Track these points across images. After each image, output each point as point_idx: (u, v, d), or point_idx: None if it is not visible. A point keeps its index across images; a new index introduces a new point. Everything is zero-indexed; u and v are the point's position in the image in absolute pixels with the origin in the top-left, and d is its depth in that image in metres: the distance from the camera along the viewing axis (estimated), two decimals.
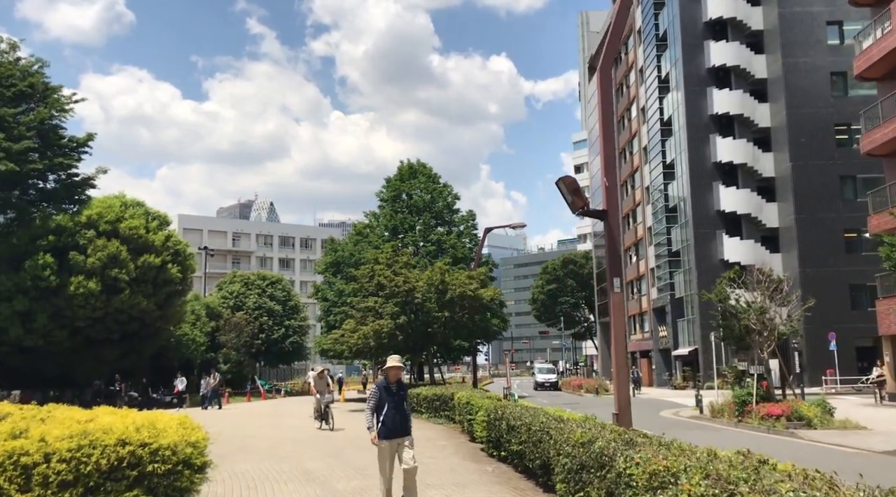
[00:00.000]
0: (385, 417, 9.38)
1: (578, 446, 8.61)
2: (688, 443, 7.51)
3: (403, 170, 50.12)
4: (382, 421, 9.37)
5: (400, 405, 9.51)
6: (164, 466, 6.41)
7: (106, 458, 6.13)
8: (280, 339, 63.38)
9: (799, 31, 50.42)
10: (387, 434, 9.40)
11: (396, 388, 9.58)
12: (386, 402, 9.40)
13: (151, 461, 6.36)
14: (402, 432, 9.51)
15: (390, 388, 9.52)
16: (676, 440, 7.90)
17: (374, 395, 9.50)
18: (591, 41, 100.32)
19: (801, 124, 49.29)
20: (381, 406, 9.41)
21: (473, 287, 33.96)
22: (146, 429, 6.59)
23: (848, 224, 47.68)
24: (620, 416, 10.74)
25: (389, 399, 9.43)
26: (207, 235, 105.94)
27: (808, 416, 22.13)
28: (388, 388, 9.51)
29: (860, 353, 46.24)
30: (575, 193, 11.13)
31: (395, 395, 9.49)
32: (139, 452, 6.32)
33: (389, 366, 9.63)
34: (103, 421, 6.75)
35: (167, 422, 7.10)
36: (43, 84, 41.53)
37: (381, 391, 9.48)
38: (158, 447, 6.45)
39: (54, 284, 37.38)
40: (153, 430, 6.64)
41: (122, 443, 6.28)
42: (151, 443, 6.43)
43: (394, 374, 9.63)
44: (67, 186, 43.45)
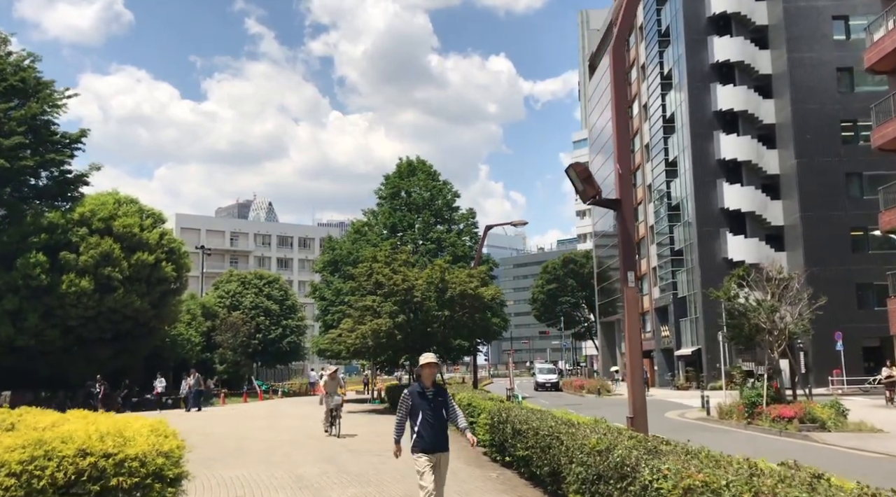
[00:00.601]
0: (420, 427, 7.95)
1: (594, 454, 7.86)
2: (719, 451, 6.76)
3: (402, 167, 49.34)
4: (418, 432, 7.95)
5: (437, 413, 8.02)
6: (130, 480, 5.65)
7: (63, 472, 5.37)
8: (277, 338, 62.59)
9: (804, 25, 49.65)
10: (424, 446, 7.96)
11: (433, 393, 8.07)
12: (420, 409, 7.96)
13: (116, 474, 5.60)
14: (442, 446, 8.04)
15: (425, 394, 8.03)
16: (704, 448, 7.15)
17: (405, 402, 8.07)
18: (591, 39, 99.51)
19: (806, 121, 48.51)
20: (416, 414, 7.98)
21: (474, 285, 33.17)
22: (112, 437, 5.83)
23: (854, 222, 46.93)
24: (636, 420, 9.96)
25: (425, 406, 7.96)
26: (205, 235, 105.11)
27: (822, 418, 21.38)
28: (422, 394, 8.02)
29: (867, 353, 45.53)
30: (586, 181, 10.38)
31: (431, 401, 8.00)
32: (102, 464, 5.56)
33: (422, 365, 8.13)
34: (64, 428, 5.99)
35: (138, 428, 6.34)
36: (35, 79, 40.70)
37: (414, 396, 8.02)
38: (125, 458, 5.69)
39: (46, 283, 36.61)
40: (120, 438, 5.88)
41: (83, 453, 5.52)
42: (116, 453, 5.68)
43: (428, 374, 8.11)
44: (60, 183, 42.68)
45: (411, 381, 44.82)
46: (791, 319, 23.52)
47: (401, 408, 8.13)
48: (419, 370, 8.21)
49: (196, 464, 14.99)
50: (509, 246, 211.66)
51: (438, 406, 8.05)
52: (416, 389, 8.07)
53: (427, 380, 8.08)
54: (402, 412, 8.10)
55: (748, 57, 52.11)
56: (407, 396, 8.07)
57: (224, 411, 37.19)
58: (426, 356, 8.25)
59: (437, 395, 8.07)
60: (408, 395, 8.08)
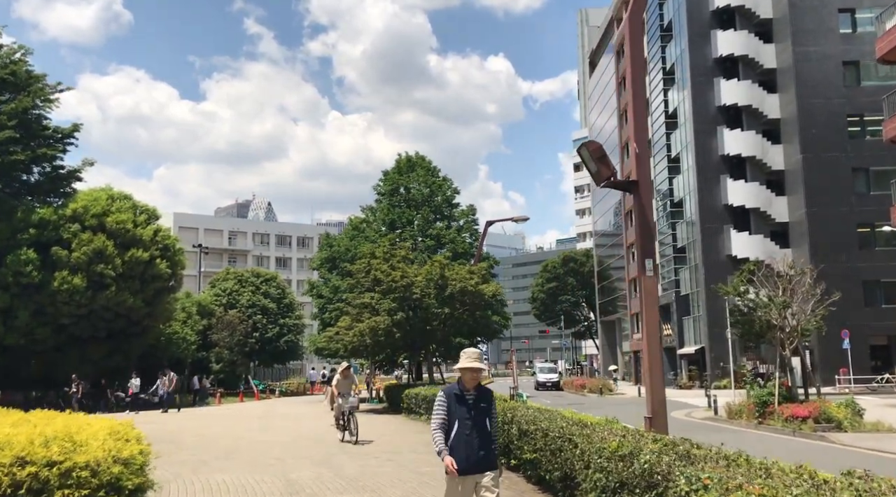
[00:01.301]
0: (455, 441, 6.27)
1: (616, 459, 7.01)
2: (764, 457, 5.92)
3: (402, 163, 48.45)
4: (451, 446, 6.27)
5: (480, 423, 6.38)
6: (79, 492, 4.83)
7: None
8: (275, 337, 61.69)
9: (810, 19, 48.81)
10: (457, 465, 6.19)
11: (475, 398, 6.45)
12: (456, 418, 6.32)
13: (61, 486, 4.78)
14: (484, 465, 6.33)
15: (464, 397, 6.43)
16: (742, 452, 6.31)
17: (440, 407, 6.46)
18: (591, 37, 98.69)
19: (811, 115, 47.69)
20: (450, 424, 6.34)
21: (474, 282, 32.32)
22: (59, 442, 4.98)
23: (861, 218, 46.15)
24: (654, 420, 9.11)
25: (463, 413, 6.35)
26: (203, 234, 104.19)
27: (838, 418, 20.55)
28: (461, 397, 6.43)
29: (874, 351, 44.76)
30: (601, 161, 9.53)
31: (471, 408, 6.39)
32: (44, 474, 4.73)
33: (463, 366, 6.50)
34: (1, 433, 5.11)
35: (94, 432, 5.48)
36: (26, 72, 39.83)
37: (451, 401, 6.42)
38: (72, 466, 4.87)
39: (37, 280, 35.82)
40: (68, 443, 5.02)
41: (21, 462, 4.70)
42: (63, 461, 4.85)
43: (470, 377, 6.48)
44: (52, 179, 41.85)
45: (411, 380, 44.15)
46: (804, 316, 22.68)
47: (435, 415, 6.48)
48: (461, 371, 6.58)
49: (183, 466, 14.21)
50: (508, 245, 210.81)
51: (481, 414, 6.40)
52: (453, 390, 6.49)
53: (469, 383, 6.48)
54: (441, 416, 6.39)
55: (752, 51, 51.30)
56: (442, 399, 6.47)
57: (219, 411, 36.35)
58: (469, 355, 6.54)
59: (480, 401, 6.46)
60: (443, 397, 6.48)
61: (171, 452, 16.35)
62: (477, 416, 6.37)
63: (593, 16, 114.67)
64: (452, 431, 6.27)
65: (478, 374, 6.53)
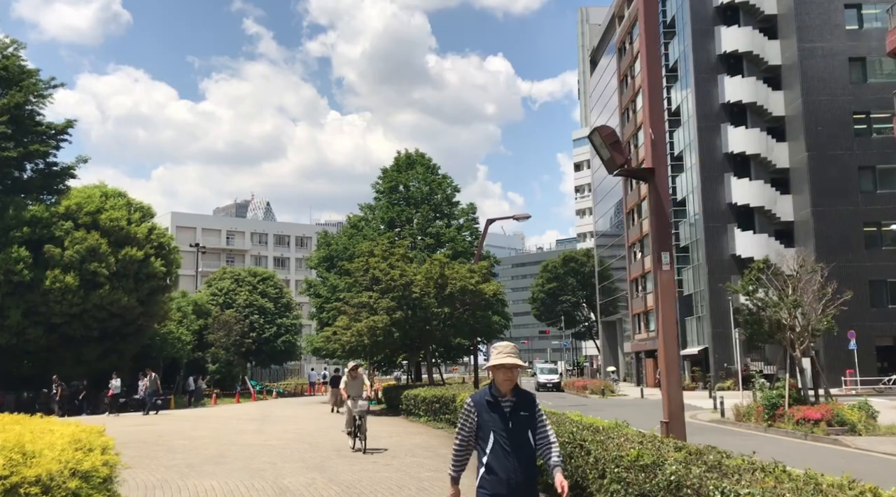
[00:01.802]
0: (491, 458, 4.85)
1: (636, 470, 6.34)
2: (807, 468, 5.27)
3: (401, 160, 47.75)
4: (486, 465, 4.86)
5: (520, 438, 4.92)
6: None
7: None
8: (272, 337, 60.96)
9: (815, 14, 48.14)
10: (495, 490, 4.82)
11: (512, 405, 5.00)
12: (491, 430, 4.91)
13: None
14: (525, 491, 4.90)
15: (499, 404, 4.98)
16: (779, 463, 5.66)
17: (466, 419, 5.03)
18: (591, 35, 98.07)
19: (817, 112, 47.02)
20: (484, 437, 4.93)
21: (475, 281, 31.70)
22: (6, 453, 4.31)
23: (867, 217, 45.51)
24: (672, 424, 8.44)
25: (498, 423, 4.92)
26: (201, 233, 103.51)
27: (852, 421, 19.89)
28: (494, 404, 4.98)
29: (880, 352, 44.13)
30: (614, 147, 8.86)
31: (507, 418, 4.94)
32: None
33: (496, 363, 5.03)
34: None
35: (53, 441, 4.80)
36: (18, 67, 39.20)
37: (481, 408, 5.00)
38: (20, 481, 4.20)
39: (28, 279, 35.19)
40: (17, 455, 4.35)
41: None
42: (9, 475, 4.18)
43: (505, 377, 5.02)
44: (46, 176, 41.23)
45: (409, 381, 43.36)
46: (815, 316, 22.02)
47: (462, 426, 5.05)
48: (493, 372, 5.10)
49: (170, 471, 13.55)
50: (508, 245, 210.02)
51: (521, 424, 4.96)
52: (483, 397, 5.05)
53: (504, 386, 5.03)
54: (464, 432, 5.03)
55: (757, 47, 50.64)
56: (470, 407, 5.04)
57: (214, 412, 35.67)
58: (502, 350, 5.10)
59: (520, 408, 5.00)
60: (471, 405, 5.05)
61: (158, 456, 15.71)
62: (516, 428, 4.91)
63: (593, 14, 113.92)
64: (487, 448, 4.88)
65: (514, 373, 5.04)
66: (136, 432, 22.14)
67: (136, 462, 14.66)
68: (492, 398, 5.01)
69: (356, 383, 17.57)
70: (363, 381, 17.79)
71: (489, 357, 5.40)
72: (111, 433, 19.83)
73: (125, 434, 21.51)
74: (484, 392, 5.10)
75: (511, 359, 5.03)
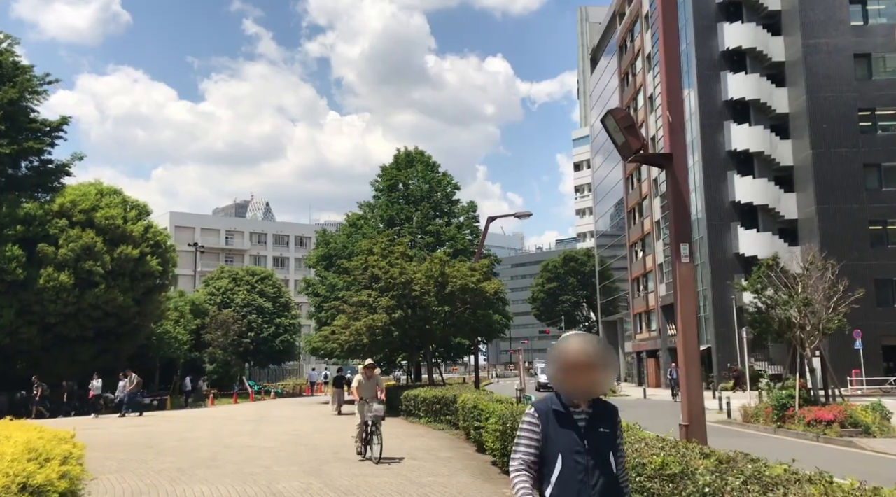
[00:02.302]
0: (558, 490, 3.62)
1: (663, 479, 5.73)
2: (862, 481, 4.68)
3: (400, 158, 47.17)
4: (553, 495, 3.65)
5: (601, 461, 3.65)
6: None
7: None
8: (270, 337, 60.36)
9: (820, 10, 47.50)
10: None
11: (589, 419, 3.74)
12: (559, 451, 3.64)
13: None
14: None
15: (571, 417, 3.72)
16: (825, 473, 5.07)
17: (529, 433, 3.74)
18: (591, 34, 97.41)
19: (822, 109, 46.39)
20: (550, 459, 3.66)
21: (476, 279, 31.12)
22: None
23: (873, 215, 44.90)
24: (692, 428, 7.83)
25: (570, 442, 3.65)
26: (200, 233, 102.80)
27: (865, 423, 19.28)
28: (564, 417, 3.72)
29: (886, 352, 43.51)
30: (629, 131, 8.25)
31: (584, 435, 3.68)
32: None
33: (568, 360, 3.63)
34: None
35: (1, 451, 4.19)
36: (12, 63, 38.62)
37: (548, 421, 3.71)
38: None
39: (22, 277, 34.67)
40: None
41: None
42: None
43: (582, 383, 3.65)
44: (40, 173, 40.66)
45: (409, 381, 42.71)
46: (826, 314, 21.43)
47: (520, 442, 3.75)
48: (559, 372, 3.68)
49: (160, 476, 12.91)
50: (507, 245, 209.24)
51: (602, 445, 3.69)
52: (550, 406, 3.74)
53: (581, 392, 3.68)
54: (526, 449, 3.70)
55: (760, 44, 49.98)
56: (532, 420, 3.73)
57: (210, 413, 35.07)
58: (574, 344, 3.64)
59: (599, 422, 3.73)
60: (534, 416, 3.74)
61: (148, 459, 15.11)
62: (595, 447, 3.64)
63: (593, 13, 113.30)
64: (553, 474, 3.59)
65: (598, 377, 3.61)
66: (127, 434, 21.57)
67: (124, 466, 14.08)
68: (562, 409, 3.68)
69: (370, 384, 15.61)
70: (378, 382, 15.87)
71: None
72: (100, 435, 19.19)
73: (117, 436, 20.96)
74: (550, 400, 3.77)
75: (590, 356, 3.57)
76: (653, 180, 62.10)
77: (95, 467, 13.71)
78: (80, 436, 18.74)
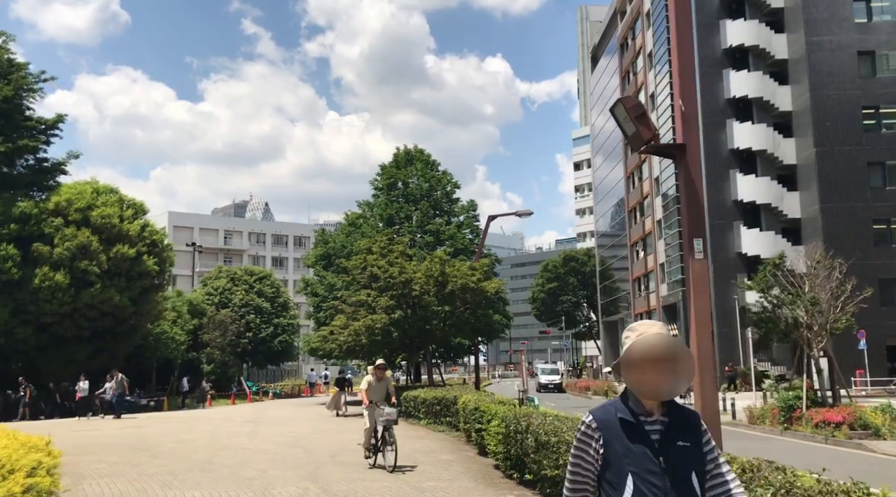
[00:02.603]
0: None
1: None
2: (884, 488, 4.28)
3: (399, 156, 46.74)
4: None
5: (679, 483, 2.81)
6: None
7: None
8: (268, 338, 59.94)
9: (823, 7, 47.03)
10: None
11: (665, 430, 2.89)
12: (628, 472, 2.82)
13: None
14: None
15: (642, 428, 2.89)
16: (859, 483, 4.67)
17: (587, 450, 2.93)
18: (592, 32, 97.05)
19: (825, 107, 45.93)
20: (615, 484, 2.85)
21: (476, 279, 30.71)
22: None
23: (877, 214, 44.45)
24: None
25: (644, 461, 2.83)
26: (199, 233, 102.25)
27: (875, 425, 18.85)
28: (634, 427, 2.89)
29: (891, 352, 43.08)
30: (640, 121, 7.84)
31: (658, 450, 2.84)
32: None
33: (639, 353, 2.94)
34: None
35: None
36: (7, 60, 38.22)
37: (613, 436, 2.89)
38: None
39: (17, 277, 34.27)
40: None
41: None
42: None
43: (657, 382, 2.88)
44: (36, 172, 40.28)
45: (409, 382, 42.25)
46: (833, 314, 21.02)
47: (573, 470, 2.97)
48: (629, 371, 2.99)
49: (152, 480, 12.45)
50: (507, 245, 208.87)
51: (681, 462, 2.86)
52: (615, 412, 2.97)
53: (653, 394, 2.93)
54: (580, 482, 2.96)
55: (763, 41, 49.52)
56: (592, 431, 2.94)
57: (208, 414, 34.67)
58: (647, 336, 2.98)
59: (677, 434, 2.90)
60: (593, 427, 2.95)
61: (141, 462, 14.69)
62: (674, 466, 2.83)
63: (593, 12, 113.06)
64: (625, 493, 2.82)
65: (682, 370, 2.89)
66: (122, 435, 21.16)
67: (115, 469, 13.67)
68: (631, 417, 2.89)
69: (382, 386, 14.32)
70: (388, 384, 14.62)
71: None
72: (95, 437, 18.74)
73: (111, 437, 20.53)
74: (614, 406, 2.98)
75: (668, 349, 2.88)
76: (654, 179, 61.72)
77: (85, 471, 13.32)
78: (73, 438, 18.36)
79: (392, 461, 13.12)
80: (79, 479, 12.31)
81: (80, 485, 11.82)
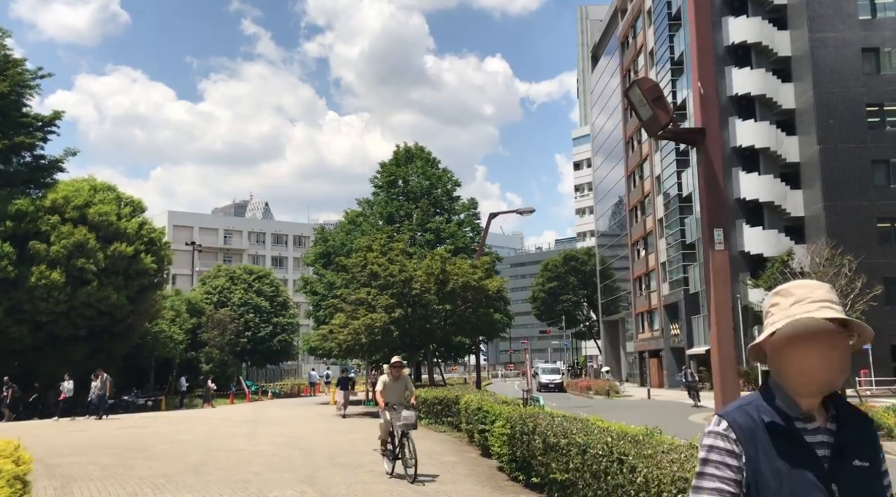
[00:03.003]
0: None
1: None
2: None
3: (400, 154, 46.31)
4: None
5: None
6: None
7: None
8: (267, 337, 59.53)
9: (827, 4, 46.58)
10: None
11: (833, 439, 1.97)
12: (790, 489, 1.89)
13: None
14: None
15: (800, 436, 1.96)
16: None
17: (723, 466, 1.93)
18: (592, 31, 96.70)
19: (829, 105, 45.49)
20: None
21: (477, 277, 30.29)
22: None
23: (881, 212, 44.02)
24: None
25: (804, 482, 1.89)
26: (198, 233, 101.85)
27: (888, 425, 18.45)
28: (790, 434, 1.95)
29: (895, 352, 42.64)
30: (657, 104, 7.42)
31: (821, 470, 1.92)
32: None
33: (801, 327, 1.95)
34: None
35: None
36: (3, 56, 37.83)
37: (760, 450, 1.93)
38: None
39: (12, 275, 33.90)
40: None
41: None
42: None
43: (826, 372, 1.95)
44: (32, 169, 39.91)
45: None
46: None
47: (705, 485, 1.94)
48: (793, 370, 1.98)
49: (144, 483, 12.01)
50: (507, 245, 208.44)
51: (860, 486, 1.95)
52: (759, 416, 1.98)
53: (820, 386, 1.97)
54: None
55: (766, 38, 49.05)
56: (727, 445, 1.95)
57: (206, 414, 34.27)
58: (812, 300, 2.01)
59: (851, 450, 1.98)
60: (730, 440, 1.96)
61: (134, 464, 14.26)
62: (849, 489, 1.94)
63: (593, 12, 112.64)
64: None
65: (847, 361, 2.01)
66: (116, 436, 20.72)
67: (107, 472, 13.24)
68: (781, 421, 1.98)
69: (398, 385, 12.76)
70: (407, 384, 12.96)
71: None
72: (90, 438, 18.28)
73: (105, 438, 20.10)
74: (755, 406, 2.02)
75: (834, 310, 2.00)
76: (655, 178, 61.32)
77: (76, 474, 12.90)
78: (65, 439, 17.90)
79: (413, 471, 11.74)
80: (68, 482, 11.91)
81: (70, 488, 11.42)
